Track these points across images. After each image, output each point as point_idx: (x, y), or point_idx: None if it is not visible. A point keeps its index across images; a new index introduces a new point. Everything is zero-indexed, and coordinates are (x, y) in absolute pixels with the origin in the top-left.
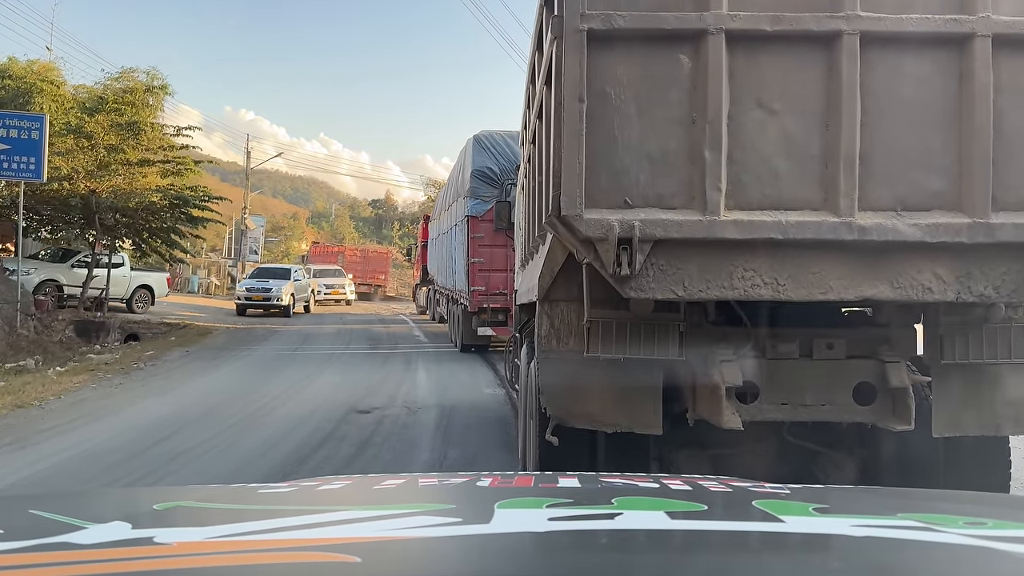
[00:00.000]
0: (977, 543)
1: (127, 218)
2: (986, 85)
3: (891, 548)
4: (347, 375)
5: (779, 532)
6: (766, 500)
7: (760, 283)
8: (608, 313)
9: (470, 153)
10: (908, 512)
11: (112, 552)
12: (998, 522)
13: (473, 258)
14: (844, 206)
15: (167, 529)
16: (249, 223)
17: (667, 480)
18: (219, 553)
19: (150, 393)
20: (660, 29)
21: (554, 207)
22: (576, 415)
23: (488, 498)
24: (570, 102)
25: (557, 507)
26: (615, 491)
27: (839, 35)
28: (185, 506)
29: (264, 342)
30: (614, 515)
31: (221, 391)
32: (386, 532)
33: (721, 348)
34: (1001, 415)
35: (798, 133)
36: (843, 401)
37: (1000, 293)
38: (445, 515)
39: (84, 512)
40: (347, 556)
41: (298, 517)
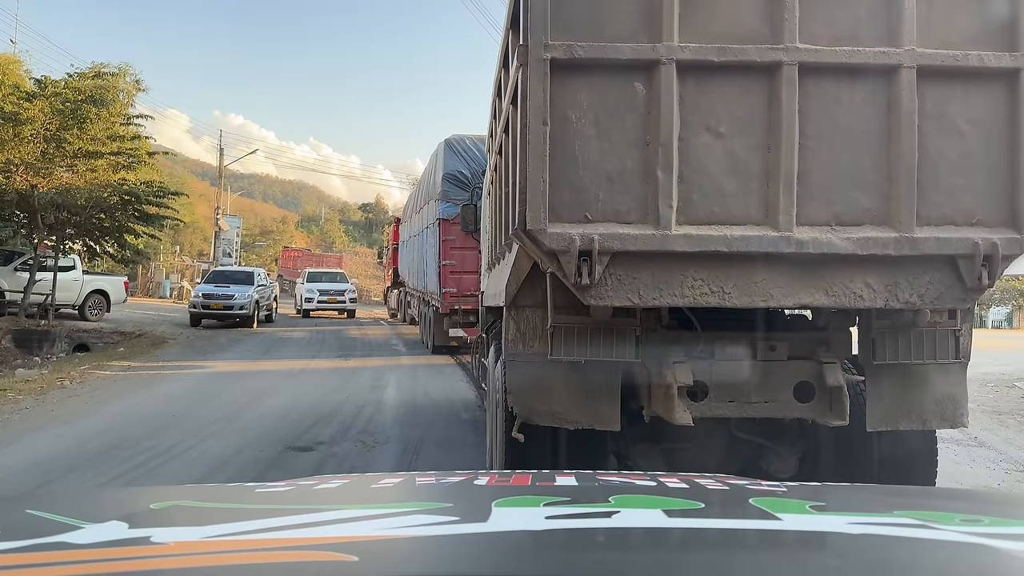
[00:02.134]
0: (973, 540)
1: (75, 216)
2: (911, 111)
3: (888, 545)
4: (301, 396)
5: (776, 530)
6: (763, 498)
7: (708, 291)
8: (570, 318)
9: (442, 156)
10: (904, 510)
11: (109, 552)
12: (994, 519)
13: (444, 260)
14: (783, 222)
15: (164, 529)
16: (223, 224)
17: (664, 478)
18: (216, 552)
19: (53, 422)
20: (617, 59)
21: (520, 221)
22: (540, 413)
23: (485, 497)
24: (535, 125)
25: (554, 505)
26: (612, 489)
27: (779, 65)
28: (182, 506)
29: (221, 353)
30: (611, 513)
31: (139, 420)
32: (383, 531)
33: (673, 350)
34: (928, 411)
35: (742, 155)
36: (784, 399)
37: (924, 300)
38: (442, 514)
39: (81, 512)
40: (345, 555)
41: (295, 516)
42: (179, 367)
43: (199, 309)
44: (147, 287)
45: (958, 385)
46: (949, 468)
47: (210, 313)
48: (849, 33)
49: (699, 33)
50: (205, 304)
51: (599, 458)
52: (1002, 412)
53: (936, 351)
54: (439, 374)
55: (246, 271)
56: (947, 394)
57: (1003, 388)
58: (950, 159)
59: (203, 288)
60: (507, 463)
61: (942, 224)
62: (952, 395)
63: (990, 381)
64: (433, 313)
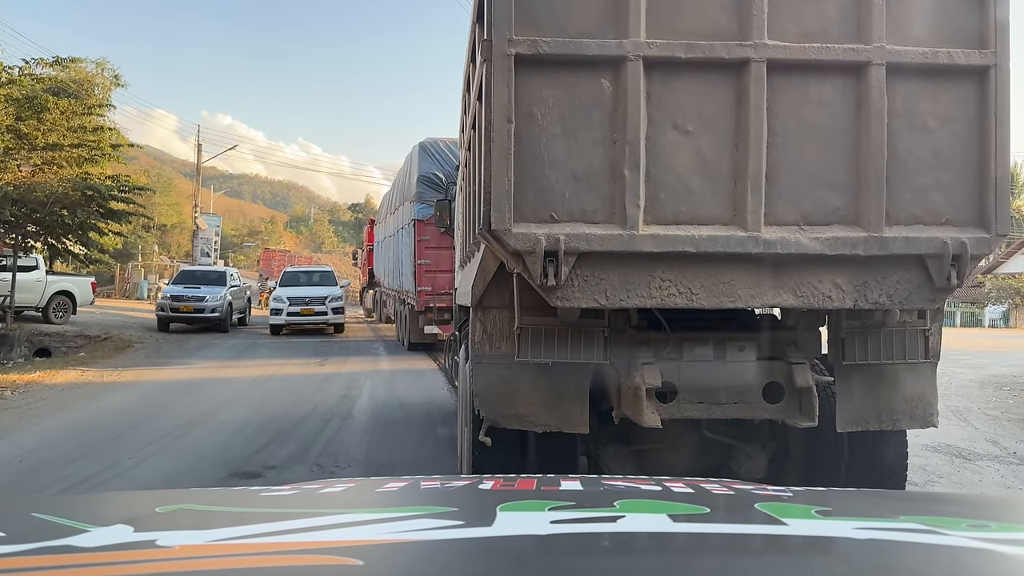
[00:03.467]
0: (981, 546)
1: (36, 213)
2: (881, 109)
3: (894, 551)
4: (263, 407)
5: (781, 535)
6: (768, 503)
7: (675, 292)
8: (537, 319)
9: (416, 159)
10: (911, 515)
11: (114, 555)
12: (1002, 524)
13: (420, 259)
14: (751, 221)
15: (169, 532)
16: (201, 223)
17: (669, 483)
18: (221, 556)
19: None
20: (583, 55)
21: (485, 221)
22: (508, 416)
23: (490, 501)
24: (499, 122)
25: (559, 510)
26: (617, 493)
27: (747, 62)
28: (187, 509)
29: (187, 358)
30: (616, 518)
31: (74, 437)
32: (388, 535)
33: (642, 352)
34: (898, 411)
35: (710, 153)
36: (753, 399)
37: (893, 300)
38: (447, 518)
39: (86, 515)
40: (349, 559)
41: (300, 520)
42: (138, 374)
43: (167, 312)
44: (124, 288)
45: (928, 385)
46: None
47: (179, 316)
48: (818, 30)
49: (666, 29)
50: (173, 307)
51: (569, 460)
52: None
53: (906, 351)
54: (418, 380)
55: (218, 271)
56: (917, 394)
57: (1021, 391)
58: (919, 157)
59: (171, 289)
60: (474, 466)
61: (911, 223)
62: (922, 395)
63: (1005, 384)
64: (409, 311)
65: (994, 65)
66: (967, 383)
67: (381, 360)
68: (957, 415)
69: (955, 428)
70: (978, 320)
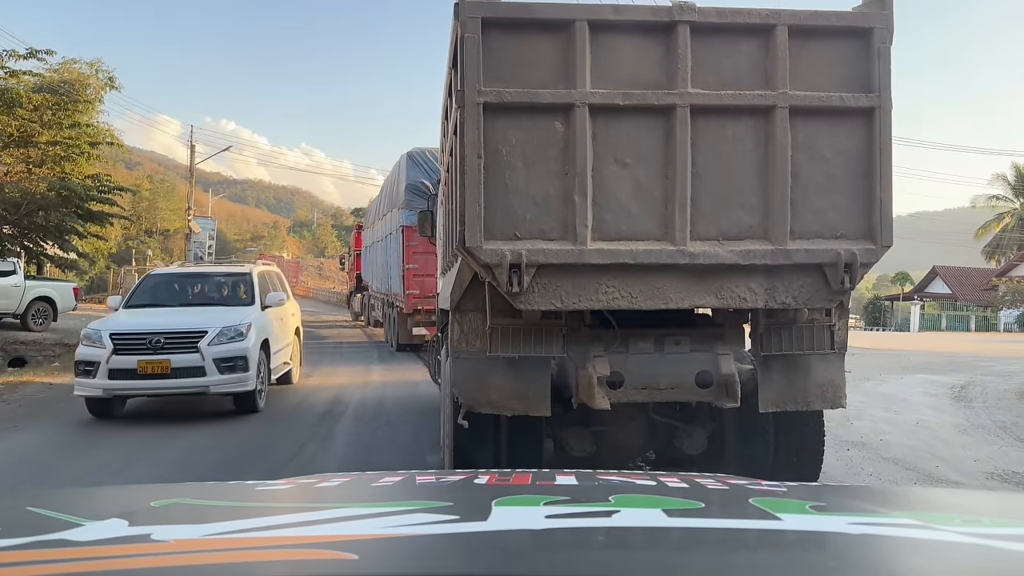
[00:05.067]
0: (973, 541)
1: (9, 214)
2: (785, 144)
3: (888, 546)
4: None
5: (776, 530)
6: (763, 498)
7: (619, 296)
8: (506, 320)
9: (404, 168)
10: (905, 510)
11: (109, 549)
12: (994, 520)
13: (408, 264)
14: (679, 237)
15: (164, 526)
16: (194, 226)
17: (664, 478)
18: (216, 550)
19: None
20: (539, 103)
21: (460, 239)
22: (482, 402)
23: (485, 496)
24: (471, 158)
25: (554, 504)
26: (612, 488)
27: (674, 107)
28: (182, 503)
29: None
30: (611, 512)
31: None
32: (383, 530)
33: (594, 346)
34: (811, 394)
35: (645, 182)
36: (687, 385)
37: (798, 301)
38: (442, 513)
39: (82, 509)
40: (344, 553)
41: (295, 515)
42: None
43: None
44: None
45: (837, 372)
46: None
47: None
48: (732, 79)
49: (608, 80)
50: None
51: (536, 441)
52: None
53: (814, 343)
54: (412, 394)
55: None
56: (827, 380)
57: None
58: (818, 183)
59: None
60: (455, 446)
61: (811, 238)
62: (832, 380)
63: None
64: (397, 314)
65: (878, 107)
66: (1002, 393)
67: (373, 371)
68: (1009, 433)
69: (1014, 449)
70: (992, 324)
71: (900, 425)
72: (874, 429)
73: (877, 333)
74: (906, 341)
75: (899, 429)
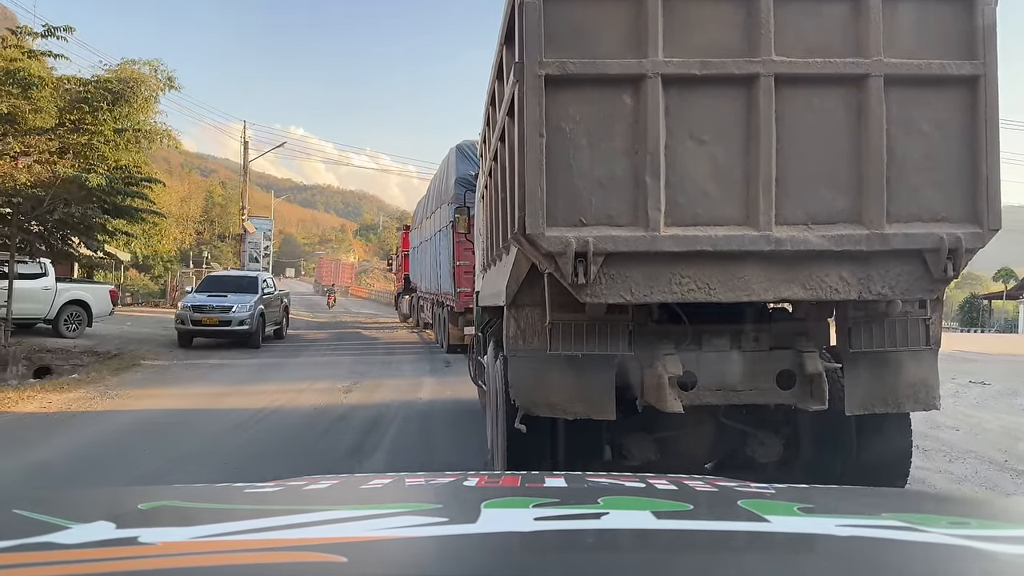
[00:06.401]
0: (961, 543)
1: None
2: (880, 117)
3: (876, 548)
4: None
5: (764, 532)
6: (751, 500)
7: (695, 287)
8: (567, 315)
9: (453, 162)
10: (892, 512)
11: (96, 552)
12: (982, 522)
13: (458, 261)
14: (763, 222)
15: (152, 529)
16: (248, 226)
17: (653, 480)
18: (204, 553)
19: None
20: (606, 74)
21: (520, 226)
22: (540, 405)
23: (474, 498)
24: (531, 136)
25: (543, 507)
26: (601, 491)
27: (756, 77)
28: (170, 506)
29: (192, 383)
30: (600, 515)
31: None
32: (372, 532)
33: (663, 344)
34: (902, 395)
35: (724, 160)
36: (767, 386)
37: (895, 291)
38: (431, 515)
39: (68, 512)
40: (333, 556)
41: (284, 517)
42: (120, 403)
43: (187, 325)
44: (173, 297)
45: (930, 370)
46: None
47: (201, 330)
48: (821, 45)
49: (682, 48)
50: (195, 319)
51: (596, 447)
52: None
53: (908, 339)
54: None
55: (249, 276)
56: (920, 379)
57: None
58: (916, 160)
59: (193, 298)
60: (509, 454)
61: (909, 220)
62: (924, 380)
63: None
64: (448, 313)
65: (983, 75)
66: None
67: (423, 385)
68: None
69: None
70: None
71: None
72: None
73: (976, 335)
74: (1019, 344)
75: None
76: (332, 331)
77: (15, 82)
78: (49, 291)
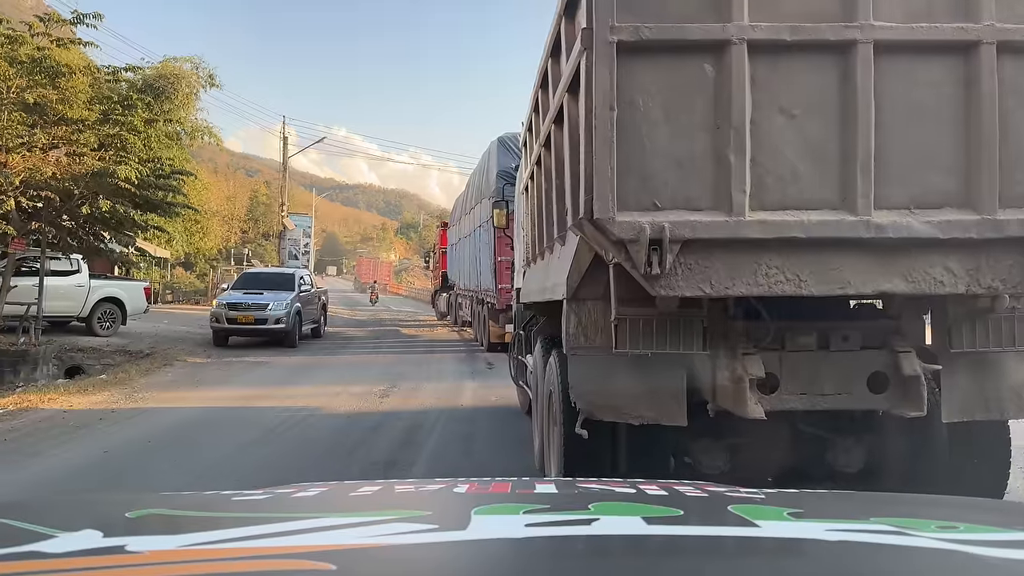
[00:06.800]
0: (949, 547)
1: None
2: (992, 89)
3: (865, 552)
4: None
5: (754, 537)
6: (741, 505)
7: (783, 279)
8: (634, 310)
9: (495, 155)
10: (881, 516)
11: (83, 561)
12: (970, 526)
13: (500, 256)
14: (861, 205)
15: (140, 537)
16: (288, 223)
17: (643, 485)
18: (193, 561)
19: None
20: (685, 40)
21: (586, 210)
22: (604, 409)
23: (465, 504)
24: (601, 111)
25: (534, 513)
26: (592, 496)
27: (854, 44)
28: (158, 514)
29: (222, 384)
30: (591, 520)
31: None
32: (362, 539)
33: (742, 341)
34: (1006, 400)
35: (816, 136)
36: (858, 390)
37: (1007, 285)
38: (421, 522)
39: (54, 520)
40: (322, 564)
41: (272, 524)
42: (144, 406)
43: (222, 324)
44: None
45: None
46: None
47: (237, 328)
48: (925, 10)
49: (770, 12)
50: (230, 317)
51: (660, 455)
52: None
53: (1015, 338)
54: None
55: (286, 273)
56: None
57: None
58: None
59: (228, 296)
60: (566, 460)
61: None
62: None
63: None
64: (488, 311)
65: None
66: None
67: (464, 390)
68: None
69: None
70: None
71: None
72: None
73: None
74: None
75: None
76: (370, 329)
77: (42, 71)
78: (82, 288)
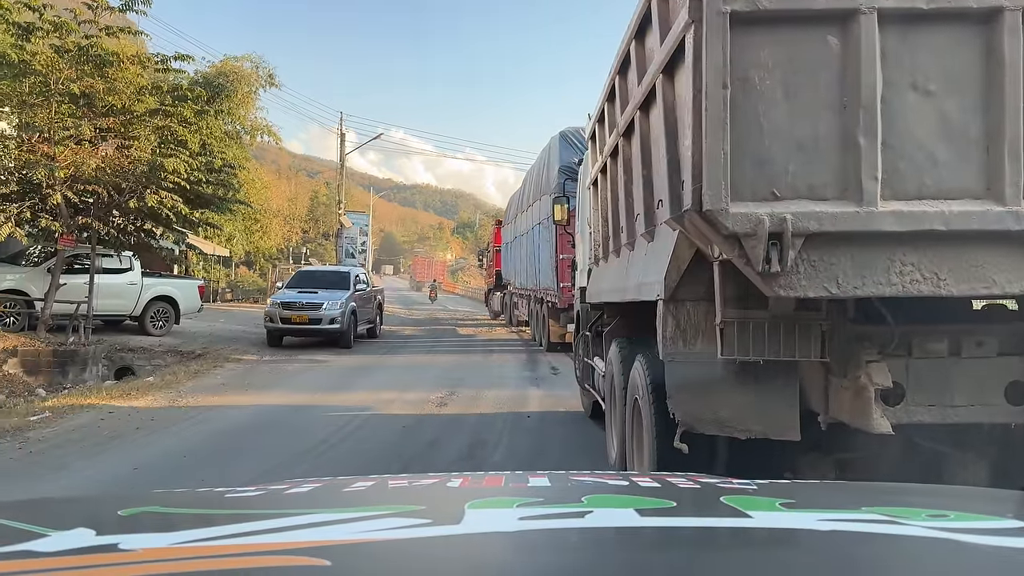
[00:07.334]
0: (939, 535)
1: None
2: None
3: (856, 541)
4: None
5: (747, 527)
6: (734, 496)
7: (919, 278)
8: (743, 313)
9: (556, 150)
10: (872, 506)
11: (76, 560)
12: (959, 514)
13: (562, 254)
14: (1010, 194)
15: (132, 535)
16: (345, 221)
17: (636, 477)
18: (186, 559)
19: None
20: (808, 9)
21: (695, 201)
22: (707, 422)
23: (458, 499)
24: (713, 89)
25: (527, 506)
26: (585, 489)
27: (1000, 11)
28: (151, 512)
29: (272, 387)
30: (584, 513)
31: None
32: (356, 535)
33: (865, 348)
34: None
35: (957, 117)
36: (994, 401)
37: None
38: (415, 516)
39: (47, 519)
40: (316, 559)
41: (266, 521)
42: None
43: (276, 323)
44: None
45: None
46: None
47: (290, 328)
48: None
49: None
50: (284, 316)
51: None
52: None
53: None
54: (588, 441)
55: (341, 271)
56: None
57: None
58: None
59: (282, 295)
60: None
61: None
62: None
63: None
64: (547, 310)
65: None
66: None
67: (528, 397)
68: None
69: None
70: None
71: None
72: None
73: None
74: None
75: None
76: (427, 328)
77: (89, 60)
78: (134, 286)
